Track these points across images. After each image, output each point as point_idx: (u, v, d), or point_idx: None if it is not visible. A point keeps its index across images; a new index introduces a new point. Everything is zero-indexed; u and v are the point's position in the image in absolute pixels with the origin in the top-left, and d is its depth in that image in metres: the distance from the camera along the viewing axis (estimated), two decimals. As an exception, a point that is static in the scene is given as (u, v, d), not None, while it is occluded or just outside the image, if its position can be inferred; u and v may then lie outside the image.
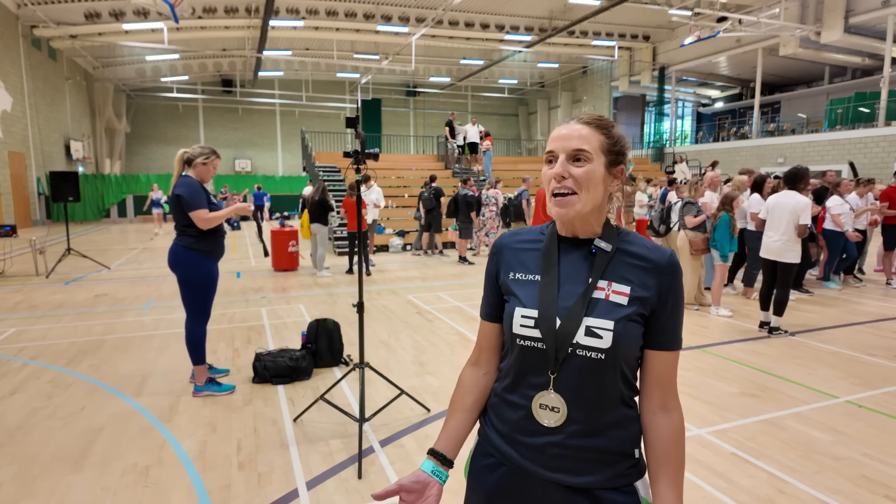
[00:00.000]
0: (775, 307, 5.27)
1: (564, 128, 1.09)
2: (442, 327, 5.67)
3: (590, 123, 1.09)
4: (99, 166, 24.31)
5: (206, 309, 3.79)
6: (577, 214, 1.06)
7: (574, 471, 1.04)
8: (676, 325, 1.08)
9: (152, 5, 12.01)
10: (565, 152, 1.07)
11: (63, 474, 2.76)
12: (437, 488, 1.10)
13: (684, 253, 6.32)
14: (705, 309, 6.37)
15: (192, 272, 3.66)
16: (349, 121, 3.26)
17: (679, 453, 1.07)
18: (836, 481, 2.69)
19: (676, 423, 1.08)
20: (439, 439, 1.18)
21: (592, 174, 1.06)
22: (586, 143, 1.06)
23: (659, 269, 1.07)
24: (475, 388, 1.22)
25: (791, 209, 5.09)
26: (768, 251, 5.31)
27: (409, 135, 31.20)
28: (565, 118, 1.13)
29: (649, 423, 1.09)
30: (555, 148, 1.09)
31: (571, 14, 19.12)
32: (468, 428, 1.21)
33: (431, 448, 1.16)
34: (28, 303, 6.79)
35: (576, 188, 1.05)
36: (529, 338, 1.07)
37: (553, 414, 1.05)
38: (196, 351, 3.76)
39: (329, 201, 9.02)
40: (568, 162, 1.06)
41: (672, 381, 1.10)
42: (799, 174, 5.20)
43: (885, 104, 16.38)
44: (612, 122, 1.11)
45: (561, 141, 1.08)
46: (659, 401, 1.09)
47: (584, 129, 1.07)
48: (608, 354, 1.01)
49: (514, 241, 1.20)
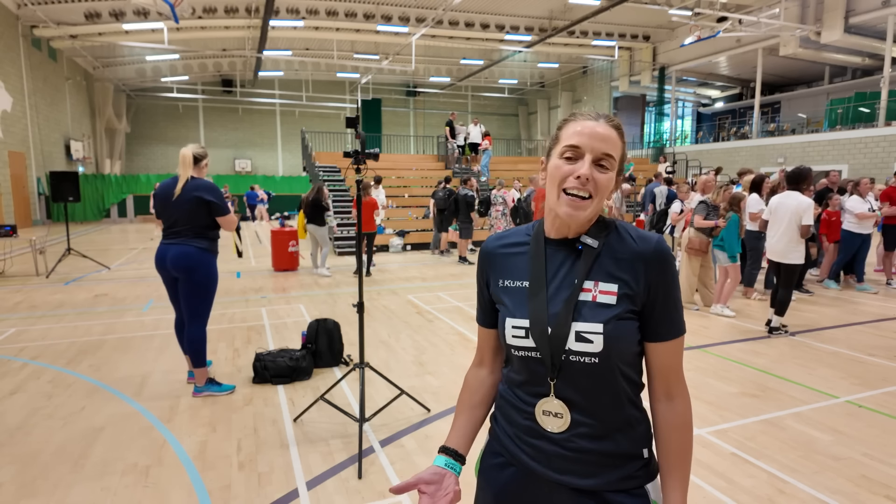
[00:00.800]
0: (777, 307, 5.26)
1: (593, 125, 1.02)
2: (442, 327, 5.67)
3: (616, 128, 1.04)
4: (99, 166, 24.31)
5: (210, 310, 3.81)
6: (585, 219, 1.03)
7: (581, 473, 1.04)
8: (674, 313, 1.04)
9: (152, 5, 12.01)
10: (594, 153, 1.01)
11: (63, 474, 2.76)
12: (453, 479, 1.10)
13: (684, 259, 6.31)
14: (705, 309, 6.36)
15: (208, 274, 3.66)
16: (349, 121, 3.25)
17: (681, 440, 1.05)
18: (837, 481, 2.69)
19: (679, 411, 1.06)
20: (450, 437, 1.17)
21: (611, 183, 1.03)
22: (613, 148, 1.02)
23: (645, 260, 1.02)
24: (481, 385, 1.22)
25: (793, 210, 5.06)
26: (772, 252, 5.28)
27: (409, 135, 31.20)
28: (583, 111, 1.06)
29: (654, 411, 1.09)
30: (582, 144, 1.01)
31: (571, 14, 19.12)
32: (478, 425, 1.21)
33: (443, 445, 1.16)
34: (28, 303, 6.79)
35: (594, 194, 1.01)
36: (524, 347, 1.05)
37: (556, 420, 1.04)
38: (200, 354, 3.75)
39: (324, 201, 8.98)
40: (593, 164, 1.01)
41: (676, 368, 1.06)
42: (802, 174, 5.17)
43: (885, 104, 16.37)
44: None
45: (590, 139, 1.01)
46: (664, 389, 1.07)
47: (612, 132, 1.03)
48: (601, 358, 0.99)
49: (499, 245, 1.16)
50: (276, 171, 29.46)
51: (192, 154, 3.61)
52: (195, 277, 3.61)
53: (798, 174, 5.19)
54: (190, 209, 3.56)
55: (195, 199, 3.55)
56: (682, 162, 20.97)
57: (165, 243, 3.63)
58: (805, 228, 5.03)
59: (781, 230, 5.16)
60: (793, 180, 5.21)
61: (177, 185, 3.56)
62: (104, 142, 24.68)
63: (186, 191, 3.56)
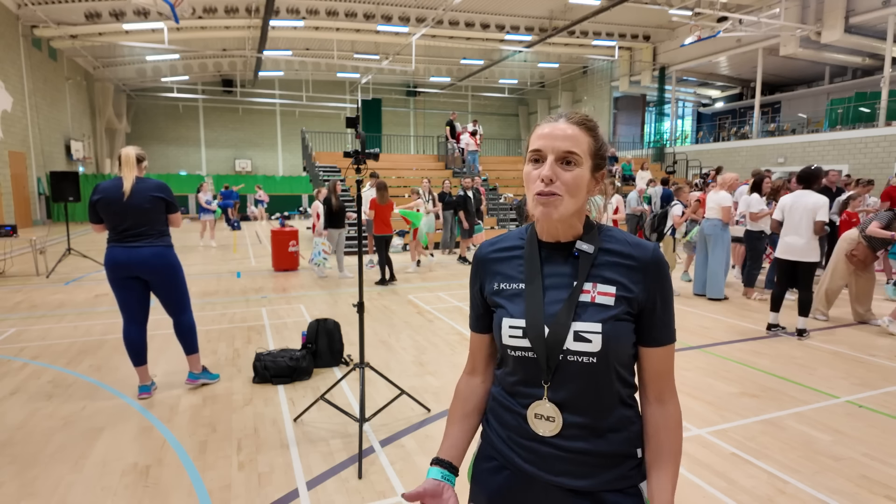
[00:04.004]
0: (800, 308, 5.22)
1: (552, 126, 1.03)
2: (442, 327, 5.67)
3: (579, 124, 1.04)
4: (99, 166, 24.31)
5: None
6: (559, 217, 1.02)
7: (576, 474, 1.04)
8: (667, 320, 1.07)
9: (152, 5, 12.00)
10: (554, 153, 1.01)
11: (63, 474, 2.76)
12: (451, 491, 1.10)
13: (840, 252, 5.72)
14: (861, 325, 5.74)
15: (180, 268, 3.80)
16: (349, 121, 3.26)
17: (672, 442, 1.06)
18: (837, 481, 2.69)
19: (671, 414, 1.07)
20: (442, 448, 1.16)
21: (580, 179, 1.02)
22: (576, 144, 1.01)
23: (643, 266, 1.04)
24: (472, 394, 1.21)
25: (810, 208, 5.04)
26: (789, 252, 5.20)
27: (410, 135, 31.19)
28: (551, 115, 1.07)
29: (645, 413, 1.10)
30: (542, 147, 1.02)
31: (571, 14, 19.11)
32: (471, 434, 1.20)
33: (436, 457, 1.15)
34: (28, 303, 6.79)
35: (562, 193, 1.01)
36: (519, 348, 1.05)
37: (548, 423, 1.04)
38: (195, 340, 3.93)
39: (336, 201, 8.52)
40: (557, 164, 1.01)
41: (668, 374, 1.08)
42: (813, 174, 5.17)
43: (885, 104, 16.35)
44: (597, 124, 1.07)
45: (549, 140, 1.01)
46: (655, 394, 1.09)
47: (574, 129, 1.02)
48: (599, 357, 1.00)
49: (493, 251, 1.16)
50: (276, 171, 29.47)
51: (136, 155, 3.61)
52: (175, 274, 3.72)
53: (810, 174, 5.19)
54: (151, 209, 3.56)
55: (155, 199, 3.56)
56: (683, 162, 20.97)
57: (127, 246, 3.54)
58: (819, 225, 5.00)
59: (802, 229, 5.10)
60: (804, 180, 5.21)
61: (123, 186, 3.50)
62: (104, 142, 24.68)
63: (142, 191, 3.53)
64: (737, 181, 6.94)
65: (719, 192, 6.82)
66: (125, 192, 3.50)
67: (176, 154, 28.58)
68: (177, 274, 3.74)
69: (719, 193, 6.80)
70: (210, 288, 7.78)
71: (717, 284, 6.88)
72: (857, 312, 5.90)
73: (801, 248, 5.13)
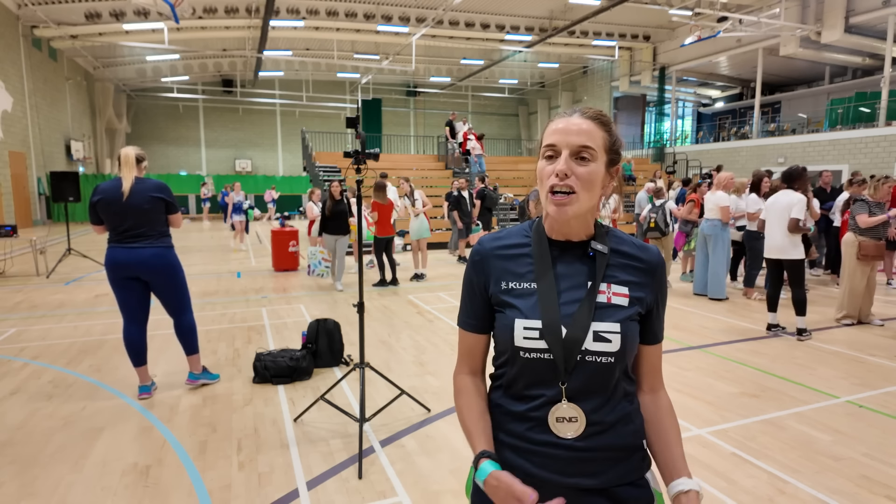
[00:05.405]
0: (796, 308, 5.25)
1: (567, 121, 1.02)
2: (442, 327, 5.67)
3: (594, 119, 1.03)
4: (99, 166, 24.31)
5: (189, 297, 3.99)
6: (574, 215, 1.02)
7: (590, 473, 1.03)
8: (662, 318, 1.15)
9: (152, 5, 12.01)
10: (569, 148, 1.00)
11: (63, 474, 2.76)
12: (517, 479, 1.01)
13: (850, 258, 5.62)
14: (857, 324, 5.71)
15: (181, 268, 3.80)
16: (349, 121, 3.26)
17: (674, 423, 1.12)
18: (837, 481, 2.69)
19: (665, 400, 1.15)
20: (481, 440, 1.07)
21: (595, 174, 1.01)
22: (591, 139, 1.01)
23: (651, 269, 1.09)
24: (483, 394, 1.16)
25: (785, 206, 5.15)
26: (772, 250, 5.33)
27: (410, 135, 31.19)
28: (565, 110, 1.07)
29: (643, 402, 1.14)
30: (557, 142, 1.01)
31: (571, 14, 19.10)
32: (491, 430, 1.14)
33: (484, 451, 1.05)
34: (28, 303, 6.79)
35: (577, 188, 1.00)
36: (534, 349, 1.02)
37: (572, 424, 1.02)
38: (196, 341, 3.94)
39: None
40: (572, 159, 1.00)
41: (660, 367, 1.16)
42: (795, 173, 5.28)
43: (885, 104, 16.34)
44: (611, 119, 1.07)
45: (564, 135, 1.01)
46: (650, 385, 1.15)
47: (589, 124, 1.02)
48: (617, 357, 1.02)
49: (497, 247, 1.12)
50: (276, 171, 29.47)
51: (135, 155, 3.60)
52: (175, 274, 3.72)
53: (791, 173, 5.31)
54: (150, 209, 3.56)
55: (155, 200, 3.56)
56: (683, 162, 20.97)
57: (127, 247, 3.53)
58: (792, 222, 5.08)
59: (780, 227, 5.22)
60: (787, 179, 5.33)
61: (122, 187, 3.49)
62: (104, 142, 24.69)
63: (142, 192, 3.53)
64: (732, 180, 6.95)
65: (716, 193, 6.85)
66: (124, 192, 3.50)
67: (176, 154, 28.59)
68: (177, 274, 3.74)
69: (716, 194, 6.83)
70: (210, 288, 7.78)
71: (719, 284, 6.90)
72: (857, 308, 5.85)
73: (781, 246, 5.22)
